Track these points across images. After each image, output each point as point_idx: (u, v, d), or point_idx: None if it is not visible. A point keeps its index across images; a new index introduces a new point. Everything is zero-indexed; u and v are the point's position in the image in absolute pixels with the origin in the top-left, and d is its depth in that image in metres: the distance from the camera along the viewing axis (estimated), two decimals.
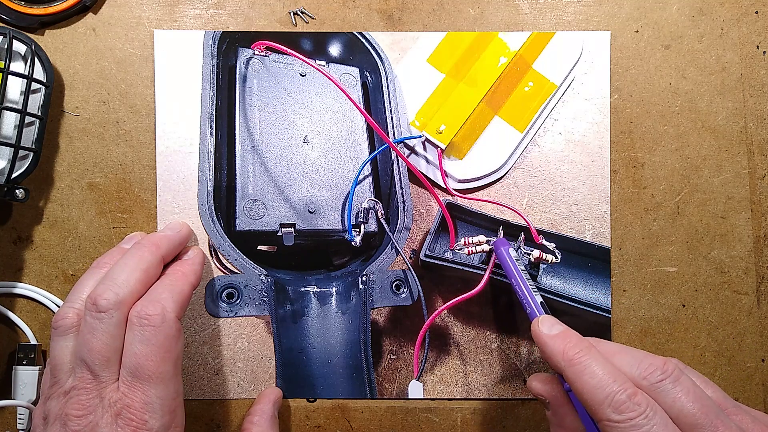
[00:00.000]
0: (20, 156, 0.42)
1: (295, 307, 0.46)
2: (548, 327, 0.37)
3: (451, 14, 0.46)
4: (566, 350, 0.35)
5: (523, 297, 0.39)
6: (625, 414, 0.32)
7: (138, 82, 0.45)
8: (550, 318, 0.38)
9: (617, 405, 0.32)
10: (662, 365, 0.34)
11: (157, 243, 0.40)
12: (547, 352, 0.36)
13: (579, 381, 0.34)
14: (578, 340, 0.35)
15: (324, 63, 0.47)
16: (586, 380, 0.33)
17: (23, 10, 0.44)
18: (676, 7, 0.46)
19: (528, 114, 0.46)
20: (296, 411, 0.46)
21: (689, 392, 0.33)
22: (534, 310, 0.39)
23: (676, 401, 0.33)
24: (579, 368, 0.34)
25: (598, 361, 0.34)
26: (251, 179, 0.46)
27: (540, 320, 0.37)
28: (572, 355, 0.34)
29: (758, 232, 0.46)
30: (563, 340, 0.35)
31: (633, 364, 0.34)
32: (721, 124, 0.46)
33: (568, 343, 0.35)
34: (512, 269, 0.41)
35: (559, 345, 0.35)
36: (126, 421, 0.35)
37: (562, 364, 0.35)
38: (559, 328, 0.37)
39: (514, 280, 0.40)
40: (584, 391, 0.33)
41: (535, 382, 0.38)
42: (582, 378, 0.33)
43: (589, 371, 0.33)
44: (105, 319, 0.36)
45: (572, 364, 0.34)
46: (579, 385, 0.33)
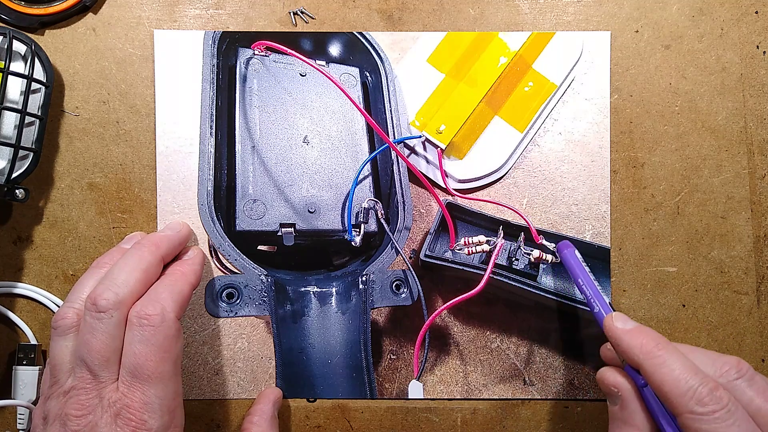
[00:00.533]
0: (20, 156, 0.42)
1: (295, 307, 0.46)
2: (623, 322, 0.37)
3: (451, 14, 0.46)
4: (644, 344, 0.35)
5: (590, 296, 0.40)
6: (709, 406, 0.31)
7: (138, 82, 0.45)
8: (622, 314, 0.38)
9: (700, 398, 0.32)
10: (737, 364, 0.34)
11: (156, 243, 0.40)
12: (623, 347, 0.36)
13: (658, 373, 0.33)
14: (655, 335, 0.36)
15: (324, 63, 0.47)
16: (666, 372, 0.33)
17: (23, 10, 0.44)
18: (676, 7, 0.46)
19: (528, 114, 0.46)
20: (296, 411, 0.46)
21: (765, 392, 0.33)
22: (602, 309, 0.39)
23: (753, 400, 0.33)
24: (658, 361, 0.34)
25: (677, 356, 0.34)
26: (251, 179, 0.46)
27: (614, 317, 0.37)
28: (650, 348, 0.34)
29: (758, 232, 0.46)
30: (640, 335, 0.36)
31: (708, 362, 0.34)
32: (721, 124, 0.46)
33: (645, 337, 0.35)
34: (577, 271, 0.42)
35: (636, 339, 0.35)
36: (125, 421, 0.35)
37: (640, 357, 0.35)
38: (633, 323, 0.37)
39: (581, 280, 0.41)
40: (664, 383, 0.33)
41: (609, 374, 0.38)
42: (662, 370, 0.33)
43: (669, 364, 0.33)
44: (105, 319, 0.36)
45: (651, 356, 0.34)
46: (658, 378, 0.33)
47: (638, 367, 0.35)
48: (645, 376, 0.34)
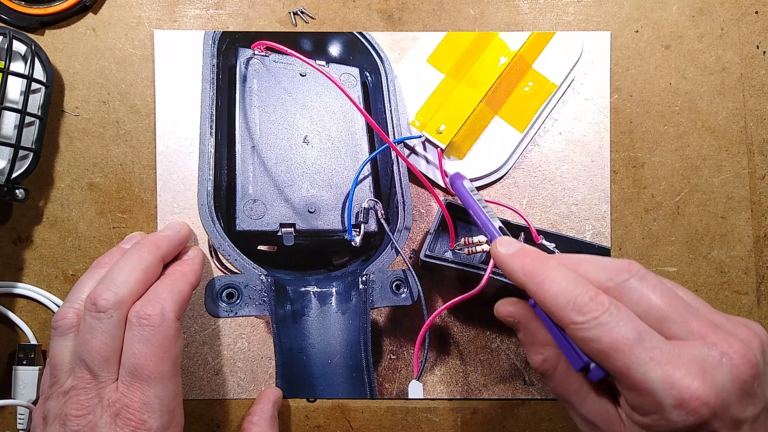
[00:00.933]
0: (20, 156, 0.42)
1: (295, 307, 0.46)
2: (506, 247, 0.36)
3: (451, 14, 0.46)
4: (525, 264, 0.34)
5: (483, 224, 0.39)
6: (589, 314, 0.31)
7: (138, 82, 0.45)
8: (508, 238, 0.37)
9: (580, 307, 0.31)
10: (627, 266, 0.33)
11: (156, 243, 0.40)
12: (507, 271, 0.35)
13: (540, 291, 0.33)
14: (536, 253, 0.35)
15: (324, 63, 0.47)
16: (546, 289, 0.33)
17: (23, 10, 0.44)
18: (676, 7, 0.46)
19: (528, 114, 0.46)
20: (296, 411, 0.46)
21: (656, 288, 0.32)
22: (493, 234, 0.38)
23: (643, 297, 0.32)
24: (539, 279, 0.33)
25: (559, 270, 0.33)
26: (251, 179, 0.46)
27: (497, 242, 0.37)
28: (531, 268, 0.34)
29: (758, 232, 0.46)
30: (522, 256, 0.35)
31: (598, 270, 0.33)
32: (721, 124, 0.46)
33: (526, 257, 0.35)
34: (470, 199, 0.41)
35: (517, 261, 0.35)
36: (125, 421, 0.35)
37: (523, 279, 0.34)
38: (517, 246, 0.36)
39: (473, 210, 0.40)
40: (546, 300, 0.33)
41: (502, 306, 0.37)
42: (543, 288, 0.33)
43: (549, 280, 0.33)
44: (104, 319, 0.36)
45: (532, 276, 0.34)
46: (541, 296, 0.33)
47: (523, 288, 0.34)
48: (530, 296, 0.34)
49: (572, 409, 0.36)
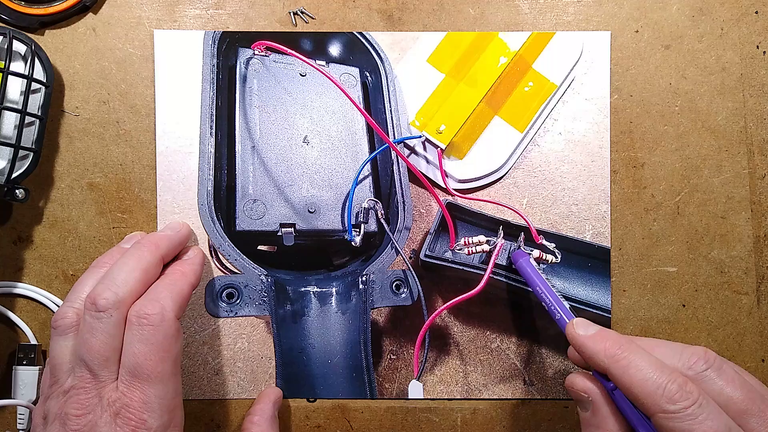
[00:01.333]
0: (20, 156, 0.42)
1: (295, 307, 0.46)
2: (584, 329, 0.37)
3: (451, 14, 0.46)
4: (607, 348, 0.34)
5: (551, 304, 0.40)
6: (680, 403, 0.31)
7: (138, 82, 0.45)
8: (584, 320, 0.38)
9: (670, 395, 0.31)
10: (704, 354, 0.33)
11: (156, 243, 0.40)
12: (587, 353, 0.36)
13: (626, 375, 0.33)
14: (617, 337, 0.35)
15: (324, 63, 0.47)
16: (633, 374, 0.33)
17: (23, 10, 0.44)
18: (676, 7, 0.46)
19: (528, 114, 0.46)
20: (296, 411, 0.46)
21: (734, 380, 0.33)
22: (564, 315, 0.39)
23: (723, 390, 0.32)
24: (624, 363, 0.33)
25: (642, 355, 0.33)
26: (251, 179, 0.46)
27: (575, 323, 0.37)
28: (615, 351, 0.34)
29: (758, 232, 0.46)
30: (603, 339, 0.35)
31: (674, 356, 0.34)
32: (721, 124, 0.46)
33: (608, 340, 0.35)
34: (535, 280, 0.42)
35: (599, 344, 0.35)
36: (125, 421, 0.35)
37: (606, 362, 0.34)
38: (595, 328, 0.36)
39: (539, 289, 0.41)
40: (633, 385, 0.33)
41: (578, 380, 0.37)
42: (629, 372, 0.33)
43: (635, 365, 0.33)
44: (104, 318, 0.36)
45: (616, 360, 0.34)
46: (626, 380, 0.33)
47: (605, 371, 0.34)
48: (613, 380, 0.34)
49: None
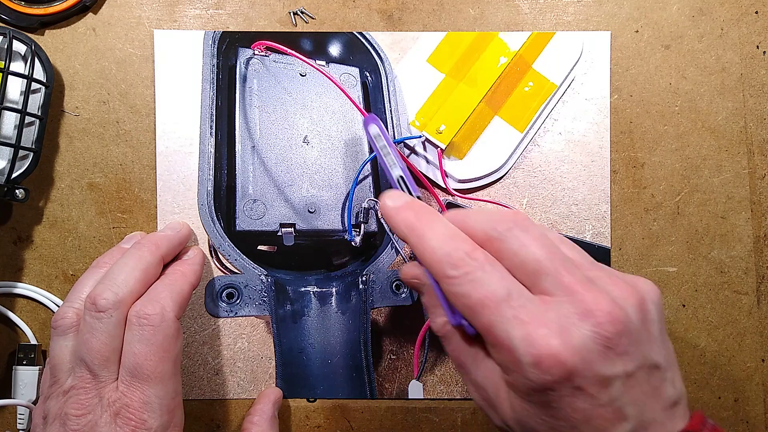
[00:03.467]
0: (20, 156, 0.42)
1: (295, 307, 0.46)
2: (393, 199, 0.35)
3: (451, 14, 0.46)
4: (407, 218, 0.33)
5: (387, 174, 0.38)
6: (462, 269, 0.30)
7: (138, 82, 0.45)
8: (397, 191, 0.36)
9: (454, 261, 0.31)
10: (512, 216, 0.32)
11: (156, 243, 0.40)
12: (393, 225, 0.34)
13: (420, 245, 0.32)
14: (423, 207, 0.34)
15: (324, 63, 0.47)
16: (425, 243, 0.32)
17: (23, 10, 0.44)
18: (676, 7, 0.46)
19: (528, 114, 0.46)
20: (296, 411, 0.46)
21: (536, 240, 0.31)
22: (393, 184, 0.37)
23: (520, 249, 0.31)
24: (420, 232, 0.33)
25: (439, 223, 0.33)
26: (251, 179, 0.46)
27: (385, 193, 0.35)
28: (413, 221, 0.33)
29: (758, 232, 0.46)
30: (407, 210, 0.34)
31: (484, 220, 0.32)
32: (721, 124, 0.46)
33: (411, 210, 0.34)
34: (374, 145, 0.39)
35: (402, 214, 0.34)
36: (125, 421, 0.35)
37: (405, 233, 0.33)
38: (404, 199, 0.35)
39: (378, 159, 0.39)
40: (425, 254, 0.32)
41: (407, 268, 0.36)
42: (422, 242, 0.32)
43: (430, 234, 0.32)
44: (104, 318, 0.36)
45: (413, 229, 0.33)
46: (420, 249, 0.32)
47: (406, 242, 0.34)
48: (412, 251, 0.33)
49: (466, 375, 0.35)
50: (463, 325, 0.32)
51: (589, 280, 0.31)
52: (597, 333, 0.29)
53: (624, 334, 0.29)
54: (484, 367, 0.33)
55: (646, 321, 0.31)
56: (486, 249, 0.32)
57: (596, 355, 0.29)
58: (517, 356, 0.29)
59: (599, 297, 0.30)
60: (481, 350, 0.33)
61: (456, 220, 0.33)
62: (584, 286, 0.30)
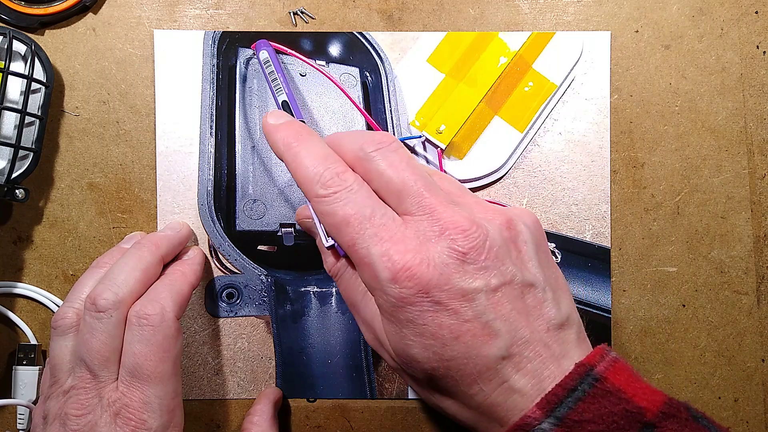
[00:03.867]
0: (20, 156, 0.42)
1: (295, 307, 0.46)
2: (275, 118, 0.36)
3: (451, 14, 0.46)
4: (285, 136, 0.34)
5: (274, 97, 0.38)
6: (330, 189, 0.31)
7: (138, 82, 0.45)
8: (281, 111, 0.37)
9: (324, 181, 0.32)
10: (381, 137, 0.33)
11: (156, 243, 0.40)
12: (271, 142, 0.35)
13: (294, 163, 0.33)
14: (301, 127, 0.35)
15: (324, 63, 0.47)
16: (299, 162, 0.33)
17: (23, 10, 0.44)
18: (676, 7, 0.46)
19: (528, 114, 0.46)
20: (296, 411, 0.46)
21: (401, 162, 0.32)
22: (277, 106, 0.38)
23: (388, 169, 0.32)
24: (295, 151, 0.33)
25: (315, 143, 0.33)
26: (251, 179, 0.46)
27: (268, 113, 0.37)
28: (290, 140, 0.34)
29: (758, 232, 0.46)
30: (286, 129, 0.35)
31: (355, 141, 0.33)
32: (721, 124, 0.46)
33: (290, 129, 0.34)
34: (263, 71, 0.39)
35: (281, 132, 0.35)
36: (125, 421, 0.35)
37: (282, 150, 0.34)
38: (286, 118, 0.36)
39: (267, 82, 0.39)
40: (298, 172, 0.33)
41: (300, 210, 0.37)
42: (296, 160, 0.33)
43: (304, 153, 0.33)
44: (104, 318, 0.36)
45: (289, 148, 0.34)
46: (294, 168, 0.33)
47: (282, 159, 0.34)
48: (289, 170, 0.34)
49: (356, 314, 0.35)
50: (335, 246, 0.33)
51: (454, 203, 0.32)
52: (452, 248, 0.30)
53: (481, 249, 0.30)
54: (369, 302, 0.33)
55: (514, 240, 0.32)
56: (356, 170, 0.33)
57: (453, 269, 0.30)
58: (376, 272, 0.30)
59: (456, 215, 0.31)
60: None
61: (331, 141, 0.34)
62: (445, 206, 0.31)
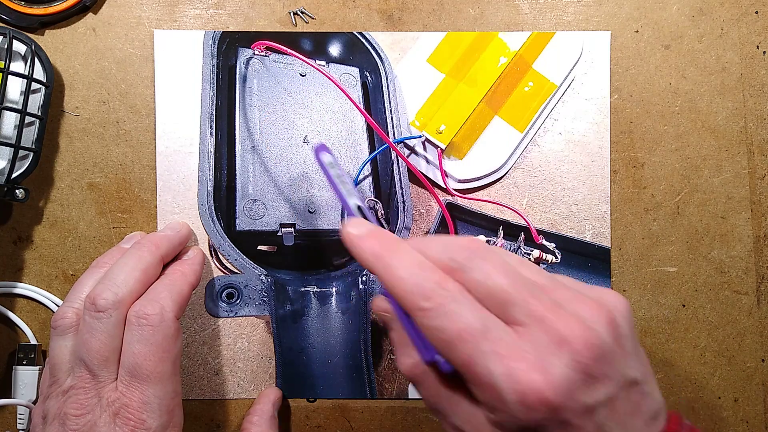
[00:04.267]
0: (20, 156, 0.42)
1: (295, 307, 0.46)
2: (356, 228, 0.34)
3: (451, 14, 0.46)
4: (372, 247, 0.32)
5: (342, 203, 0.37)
6: (434, 300, 0.29)
7: (138, 82, 0.45)
8: (359, 219, 0.35)
9: (425, 292, 0.30)
10: (468, 244, 0.31)
11: (156, 243, 0.40)
12: (356, 254, 0.33)
13: (387, 274, 0.31)
14: (386, 236, 0.33)
15: (324, 63, 0.47)
16: (393, 273, 0.31)
17: (23, 10, 0.44)
18: (676, 7, 0.46)
19: (528, 114, 0.46)
20: (296, 411, 0.46)
21: (499, 267, 0.30)
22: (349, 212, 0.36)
23: (486, 278, 0.30)
24: (386, 262, 0.31)
25: (405, 254, 0.31)
26: (251, 179, 0.46)
27: (348, 222, 0.34)
28: (379, 251, 0.32)
29: (758, 232, 0.46)
30: (371, 239, 0.33)
31: (441, 249, 0.31)
32: (721, 124, 0.46)
33: (375, 239, 0.33)
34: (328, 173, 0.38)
35: (367, 244, 0.33)
36: (124, 421, 0.35)
37: (371, 261, 0.32)
38: (368, 228, 0.34)
39: (332, 186, 0.38)
40: (394, 285, 0.31)
41: (377, 300, 0.35)
42: (390, 272, 0.31)
43: (397, 263, 0.31)
44: (104, 318, 0.36)
45: (380, 259, 0.32)
46: (388, 279, 0.31)
47: (372, 272, 0.32)
48: (380, 282, 0.32)
49: (444, 419, 0.33)
50: (438, 361, 0.31)
51: (558, 304, 0.30)
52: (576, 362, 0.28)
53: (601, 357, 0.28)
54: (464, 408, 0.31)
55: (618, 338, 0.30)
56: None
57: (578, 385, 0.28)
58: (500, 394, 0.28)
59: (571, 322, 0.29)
60: (459, 390, 0.31)
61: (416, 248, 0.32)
62: (554, 311, 0.29)
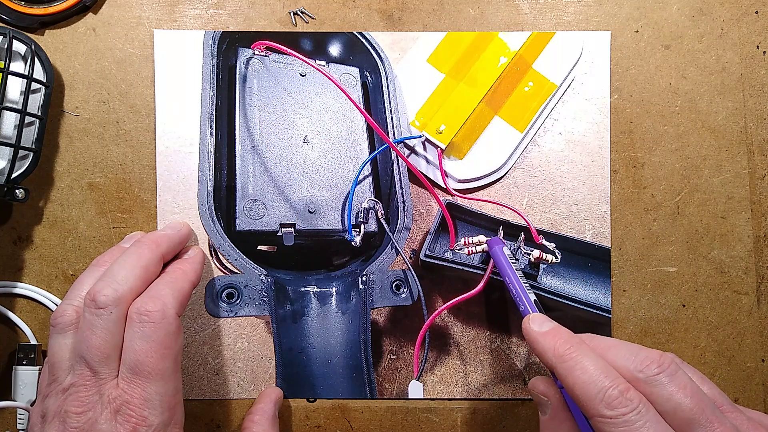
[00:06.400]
0: (20, 156, 0.42)
1: (295, 307, 0.46)
2: (539, 324, 0.36)
3: (451, 14, 0.46)
4: (557, 347, 0.34)
5: (517, 295, 0.39)
6: (618, 409, 0.31)
7: (138, 82, 0.46)
8: (541, 315, 0.37)
9: (609, 400, 0.31)
10: (658, 358, 0.33)
11: (157, 241, 0.40)
12: (538, 350, 0.35)
13: (570, 377, 0.33)
14: (569, 336, 0.35)
15: (324, 63, 0.47)
16: (577, 376, 0.32)
17: (23, 10, 0.44)
18: (676, 7, 0.46)
19: (528, 114, 0.46)
20: (296, 411, 0.46)
21: (685, 387, 0.32)
22: (526, 308, 0.38)
23: (672, 396, 0.32)
24: (570, 364, 0.33)
25: (590, 357, 0.33)
26: (251, 179, 0.46)
27: (531, 318, 0.37)
28: (563, 351, 0.34)
29: (758, 232, 0.46)
30: (554, 337, 0.35)
31: (629, 358, 0.33)
32: (721, 124, 0.46)
33: (559, 339, 0.34)
34: (506, 268, 0.41)
35: (549, 342, 0.34)
36: (125, 418, 0.35)
37: (553, 361, 0.34)
38: (549, 325, 0.36)
39: (508, 279, 0.40)
40: (576, 387, 0.32)
41: (538, 383, 0.37)
42: (573, 374, 0.33)
43: (580, 367, 0.32)
44: (104, 315, 0.36)
45: (563, 359, 0.33)
46: (570, 381, 0.33)
47: (553, 370, 0.34)
48: (560, 380, 0.34)
49: None
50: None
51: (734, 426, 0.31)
52: None
53: None
54: None
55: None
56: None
57: None
58: None
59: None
60: None
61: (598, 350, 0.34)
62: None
